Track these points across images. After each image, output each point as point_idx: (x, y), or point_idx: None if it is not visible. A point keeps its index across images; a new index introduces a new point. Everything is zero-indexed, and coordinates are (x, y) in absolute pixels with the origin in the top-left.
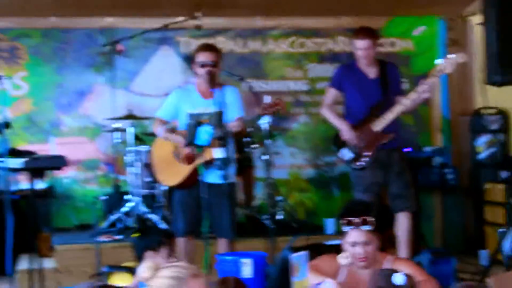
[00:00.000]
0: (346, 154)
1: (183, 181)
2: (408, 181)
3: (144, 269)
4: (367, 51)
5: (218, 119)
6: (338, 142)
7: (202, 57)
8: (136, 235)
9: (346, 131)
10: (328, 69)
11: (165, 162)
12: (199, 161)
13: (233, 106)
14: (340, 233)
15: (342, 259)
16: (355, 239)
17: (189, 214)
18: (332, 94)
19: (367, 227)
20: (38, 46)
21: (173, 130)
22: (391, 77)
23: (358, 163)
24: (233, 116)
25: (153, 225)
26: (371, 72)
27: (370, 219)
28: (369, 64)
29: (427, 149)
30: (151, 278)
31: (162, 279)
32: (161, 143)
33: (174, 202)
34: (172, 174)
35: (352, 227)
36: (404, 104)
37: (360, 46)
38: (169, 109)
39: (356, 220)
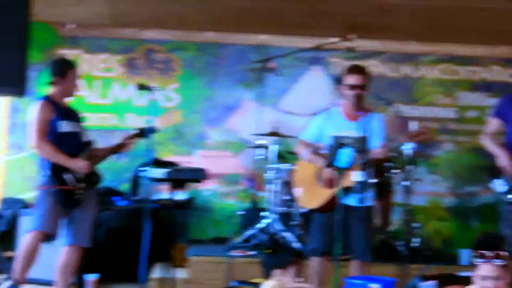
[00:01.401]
0: (500, 184)
1: (323, 205)
2: None
3: (268, 287)
4: None
5: (361, 144)
6: (493, 172)
7: (351, 79)
8: (267, 252)
9: (505, 160)
10: (480, 98)
11: (306, 184)
12: (339, 186)
13: (377, 133)
14: (473, 265)
15: None
16: (486, 273)
17: (326, 235)
18: (494, 124)
19: (499, 262)
20: (191, 59)
21: (316, 152)
22: None
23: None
24: (377, 143)
25: (283, 244)
26: None
27: (503, 253)
28: None
29: None
30: None
31: None
32: (304, 165)
33: (312, 223)
34: (312, 197)
35: (484, 260)
36: None
37: None
38: (314, 131)
39: (489, 253)
